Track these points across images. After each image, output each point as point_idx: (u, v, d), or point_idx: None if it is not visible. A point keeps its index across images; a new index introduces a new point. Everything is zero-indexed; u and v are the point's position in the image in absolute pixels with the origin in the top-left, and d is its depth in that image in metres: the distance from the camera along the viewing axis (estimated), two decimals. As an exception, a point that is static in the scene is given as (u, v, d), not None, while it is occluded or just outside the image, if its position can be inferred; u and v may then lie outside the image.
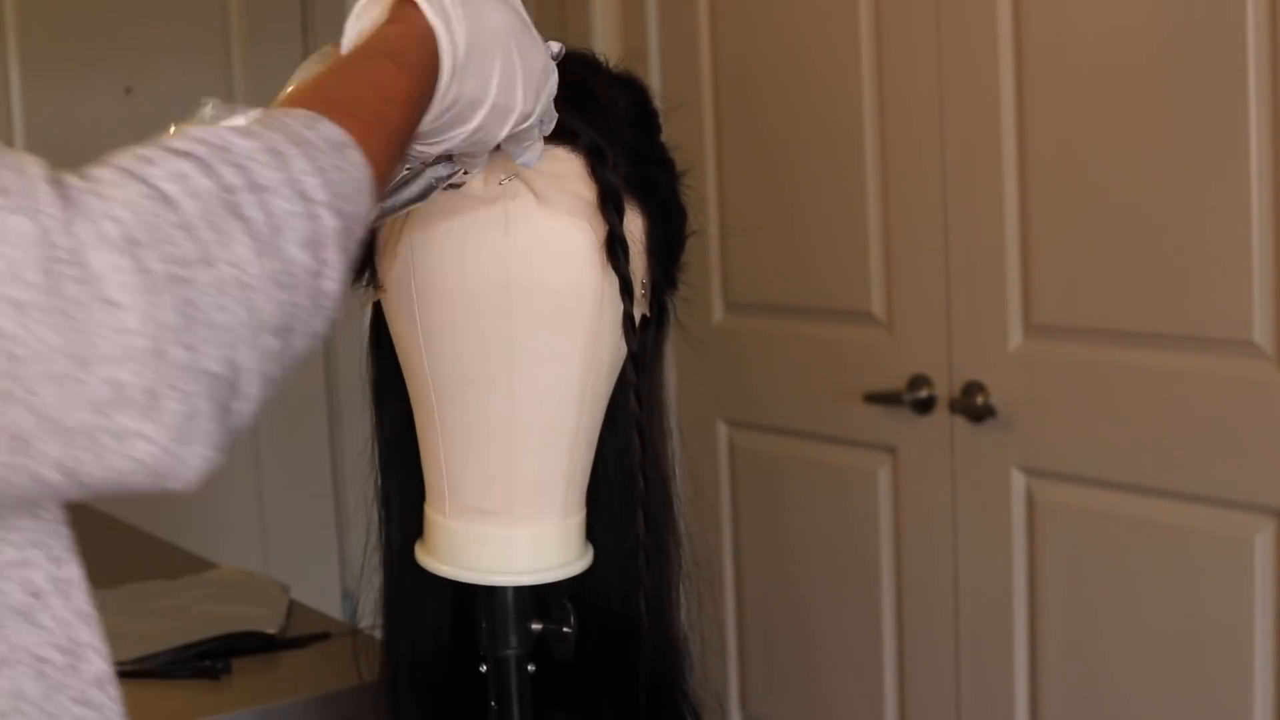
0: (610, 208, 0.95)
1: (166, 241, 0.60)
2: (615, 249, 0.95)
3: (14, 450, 0.59)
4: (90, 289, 0.59)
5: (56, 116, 3.33)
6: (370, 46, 0.78)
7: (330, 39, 0.83)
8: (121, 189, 0.61)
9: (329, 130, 0.68)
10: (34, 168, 0.62)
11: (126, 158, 0.64)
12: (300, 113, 0.69)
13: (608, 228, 0.95)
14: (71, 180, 0.62)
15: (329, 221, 0.65)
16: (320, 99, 0.71)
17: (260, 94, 3.45)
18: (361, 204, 0.68)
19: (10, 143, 3.28)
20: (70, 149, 3.57)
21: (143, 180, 0.62)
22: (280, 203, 0.64)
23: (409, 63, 0.77)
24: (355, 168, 0.68)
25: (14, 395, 0.58)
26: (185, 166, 0.63)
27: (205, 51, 3.48)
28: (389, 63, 0.76)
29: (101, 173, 0.63)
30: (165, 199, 0.61)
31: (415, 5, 0.78)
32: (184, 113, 0.77)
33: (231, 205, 0.63)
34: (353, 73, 0.76)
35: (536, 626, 1.03)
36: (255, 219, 0.63)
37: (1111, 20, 2.05)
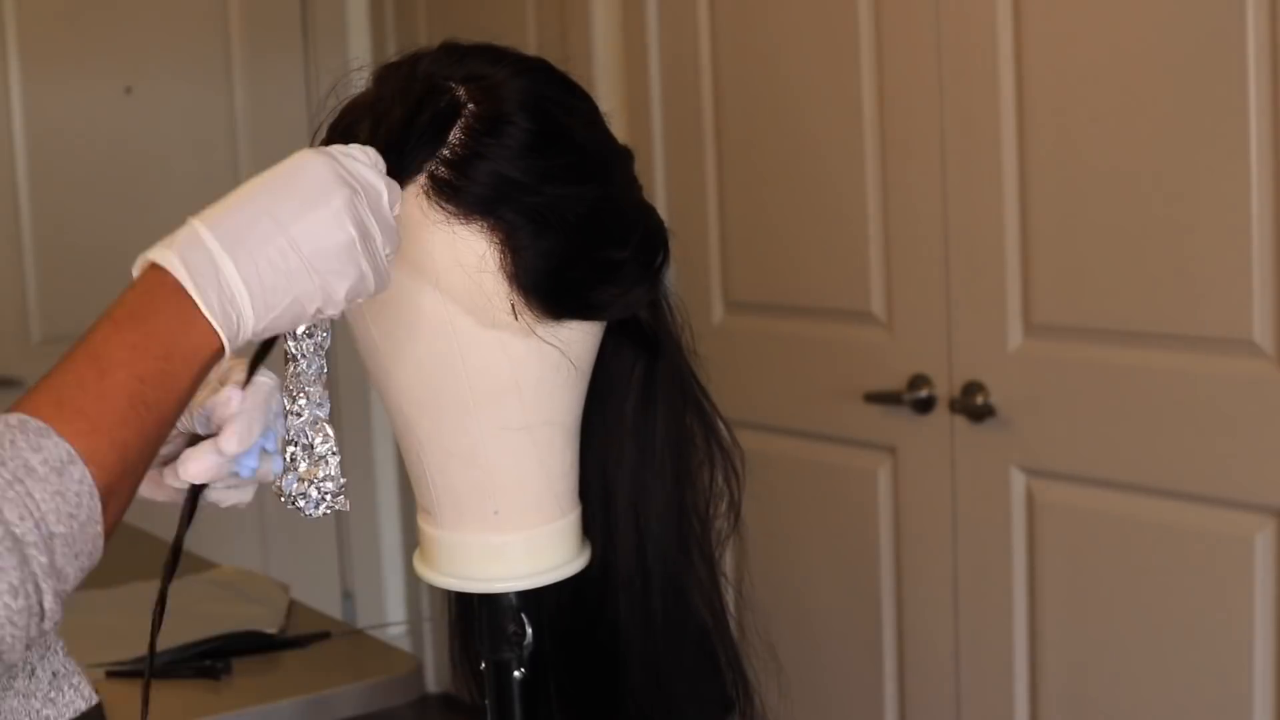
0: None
1: None
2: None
3: None
4: None
5: (56, 116, 3.33)
6: (113, 319, 0.79)
7: (330, 39, 0.81)
8: None
9: (54, 449, 0.73)
10: None
11: None
12: (34, 425, 0.74)
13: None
14: None
15: (41, 559, 0.71)
16: (51, 401, 0.76)
17: (260, 94, 3.46)
18: (84, 511, 0.74)
19: (10, 143, 3.28)
20: (70, 149, 3.56)
21: None
22: None
23: (149, 334, 0.78)
24: (76, 483, 0.73)
25: None
26: None
27: (205, 51, 3.48)
28: (122, 337, 0.78)
29: None
30: None
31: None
32: (184, 113, 0.77)
33: None
34: (85, 365, 0.77)
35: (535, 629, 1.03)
36: None
37: (1112, 21, 2.05)
